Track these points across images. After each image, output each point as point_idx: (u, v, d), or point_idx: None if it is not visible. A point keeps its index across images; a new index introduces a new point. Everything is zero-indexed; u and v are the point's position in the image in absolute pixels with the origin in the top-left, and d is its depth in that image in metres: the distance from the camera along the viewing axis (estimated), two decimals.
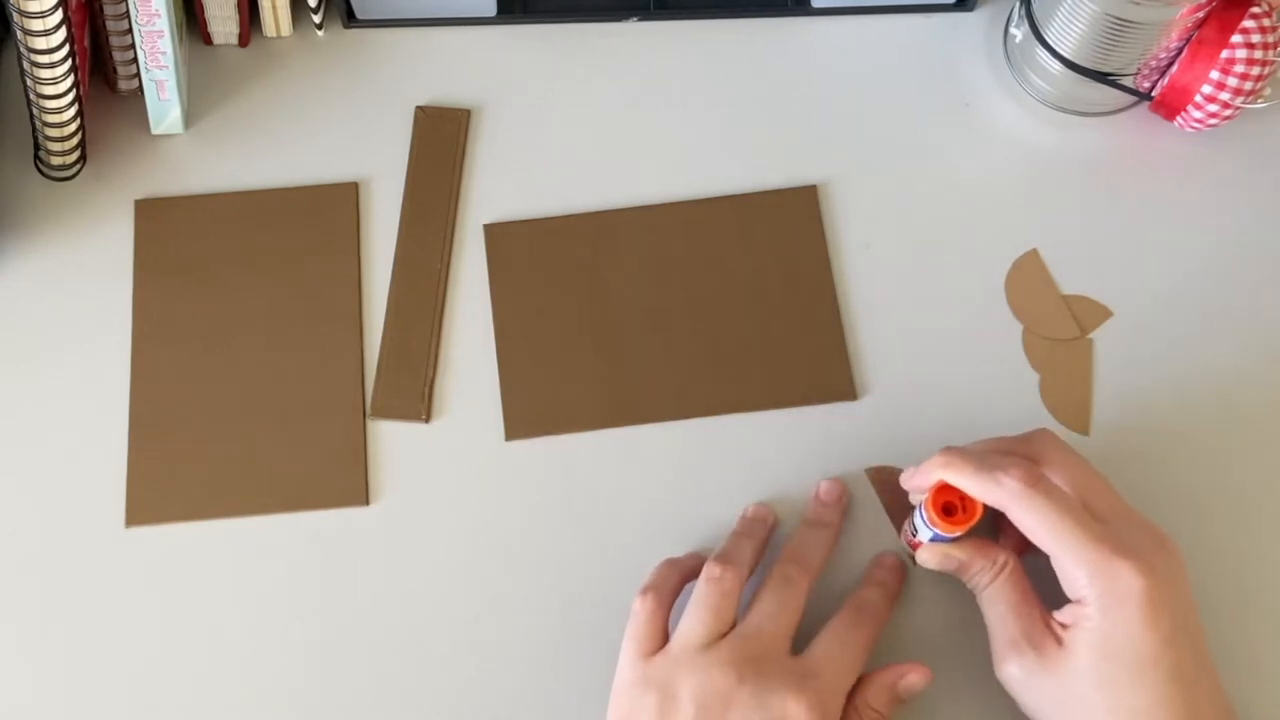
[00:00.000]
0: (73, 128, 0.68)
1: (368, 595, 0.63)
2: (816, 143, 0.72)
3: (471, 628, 0.62)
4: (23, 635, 0.62)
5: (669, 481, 0.65)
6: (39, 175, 0.71)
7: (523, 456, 0.66)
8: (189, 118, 0.72)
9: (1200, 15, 0.66)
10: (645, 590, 0.58)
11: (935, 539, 0.58)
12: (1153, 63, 0.69)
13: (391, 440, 0.66)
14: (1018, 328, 0.68)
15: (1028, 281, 0.66)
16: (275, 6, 0.73)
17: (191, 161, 0.72)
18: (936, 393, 0.66)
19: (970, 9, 0.75)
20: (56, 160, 0.70)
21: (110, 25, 0.68)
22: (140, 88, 0.70)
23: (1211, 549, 0.62)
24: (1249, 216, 0.71)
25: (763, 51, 0.75)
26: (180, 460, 0.65)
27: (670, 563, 0.60)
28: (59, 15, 0.62)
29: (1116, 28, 0.66)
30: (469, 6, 0.74)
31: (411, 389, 0.67)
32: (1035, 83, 0.73)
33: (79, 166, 0.70)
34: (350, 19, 0.74)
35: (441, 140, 0.72)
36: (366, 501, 0.65)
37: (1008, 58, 0.74)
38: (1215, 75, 0.67)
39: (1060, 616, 0.55)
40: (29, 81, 0.65)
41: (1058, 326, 0.67)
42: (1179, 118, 0.70)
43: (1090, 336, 0.67)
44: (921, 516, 0.57)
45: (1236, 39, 0.66)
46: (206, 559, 0.64)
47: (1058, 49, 0.70)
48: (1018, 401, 0.66)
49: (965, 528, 0.56)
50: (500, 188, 0.71)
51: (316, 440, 0.66)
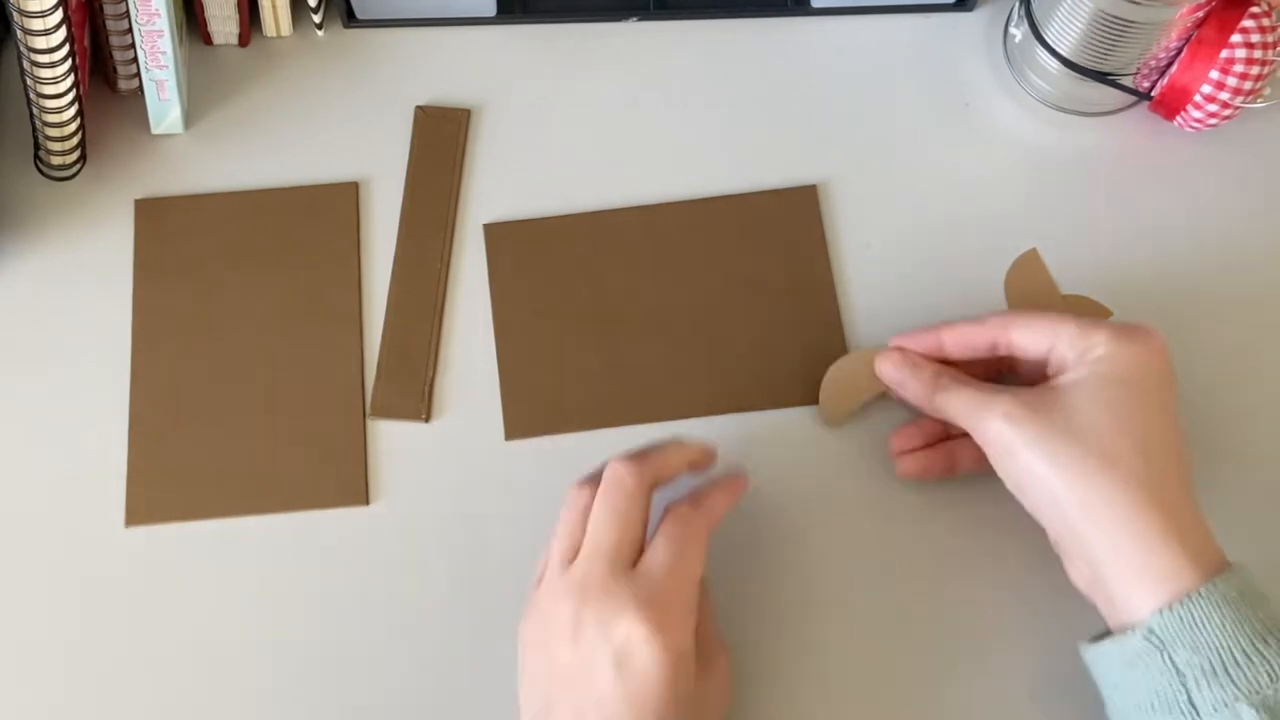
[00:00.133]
0: (73, 128, 0.68)
1: (367, 595, 0.63)
2: (816, 143, 0.72)
3: (471, 627, 0.62)
4: (23, 635, 0.62)
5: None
6: (39, 175, 0.71)
7: (523, 456, 0.66)
8: (189, 118, 0.72)
9: (1200, 15, 0.66)
10: (577, 484, 0.58)
11: None
12: (1152, 63, 0.69)
13: (391, 440, 0.66)
14: None
15: (1028, 281, 0.66)
16: (275, 6, 0.73)
17: (191, 161, 0.72)
18: None
19: (970, 9, 0.75)
20: (56, 160, 0.70)
21: (110, 25, 0.68)
22: (140, 88, 0.70)
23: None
24: (1249, 216, 0.71)
25: (763, 51, 0.75)
26: (180, 460, 0.65)
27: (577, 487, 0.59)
28: (59, 15, 0.62)
29: (1116, 28, 0.66)
30: (469, 6, 0.74)
31: (411, 389, 0.67)
32: (1035, 82, 0.73)
33: (79, 166, 0.70)
34: (350, 19, 0.74)
35: (441, 140, 0.72)
36: (366, 501, 0.65)
37: (1007, 58, 0.74)
38: (1215, 75, 0.67)
39: (1053, 381, 0.58)
40: (29, 81, 0.65)
41: None
42: (1179, 117, 0.70)
43: None
44: None
45: (1236, 39, 0.66)
46: (206, 559, 0.64)
47: (1057, 49, 0.70)
48: None
49: None
50: (500, 188, 0.71)
51: (316, 440, 0.66)
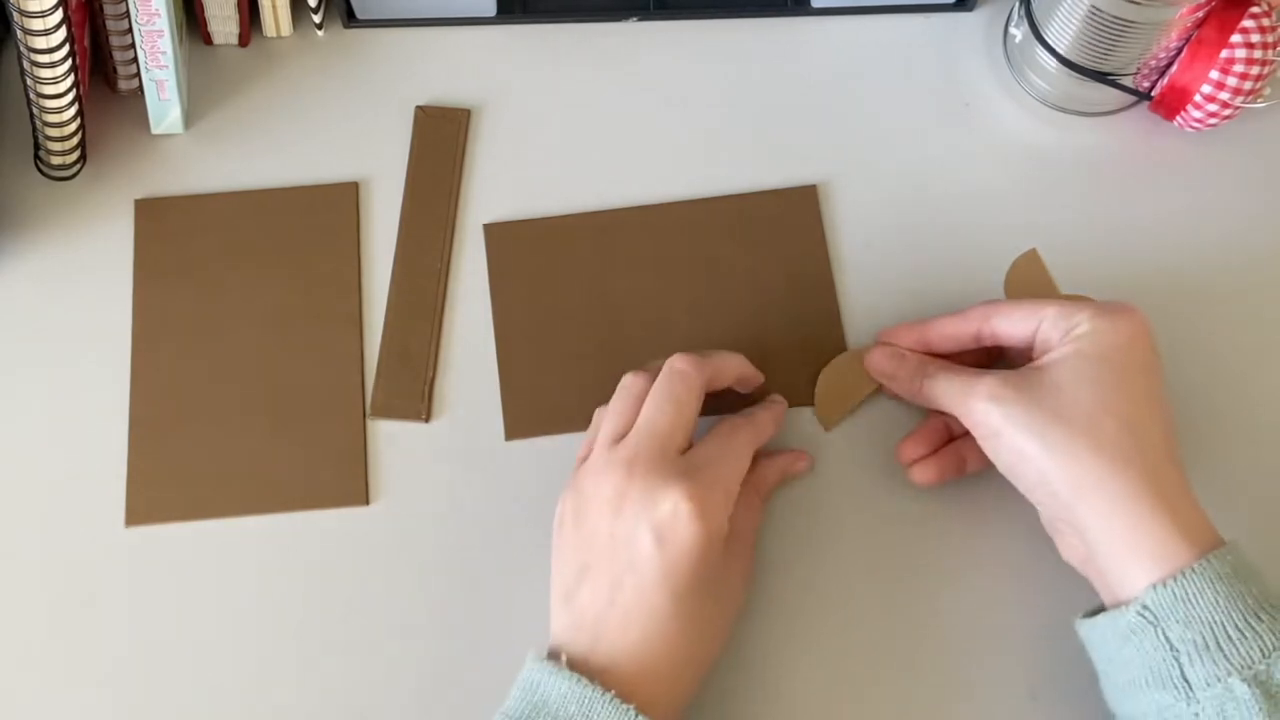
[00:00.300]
0: (73, 128, 0.68)
1: (368, 595, 0.63)
2: (816, 143, 0.72)
3: (471, 627, 0.62)
4: (23, 635, 0.62)
5: None
6: (39, 175, 0.71)
7: (523, 456, 0.66)
8: (189, 118, 0.72)
9: (1200, 15, 0.66)
10: (601, 406, 0.61)
11: None
12: (1152, 62, 0.69)
13: (391, 440, 0.66)
14: None
15: (1028, 281, 0.66)
16: (275, 6, 0.73)
17: (191, 161, 0.72)
18: None
19: (970, 9, 0.75)
20: (56, 160, 0.70)
21: (110, 25, 0.68)
22: (140, 88, 0.70)
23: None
24: (1248, 216, 0.71)
25: (763, 51, 0.75)
26: (180, 460, 0.65)
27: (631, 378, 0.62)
28: (59, 15, 0.62)
29: (1116, 28, 0.66)
30: (469, 6, 0.74)
31: (411, 389, 0.67)
32: (1035, 82, 0.73)
33: (79, 166, 0.70)
34: (350, 19, 0.74)
35: (441, 140, 0.72)
36: (366, 501, 0.65)
37: (1007, 58, 0.74)
38: (1215, 75, 0.67)
39: (1037, 361, 0.59)
40: (29, 81, 0.65)
41: None
42: (1178, 117, 0.70)
43: None
44: None
45: (1236, 39, 0.66)
46: (206, 559, 0.64)
47: (1057, 49, 0.70)
48: None
49: None
50: (500, 188, 0.71)
51: (316, 440, 0.66)
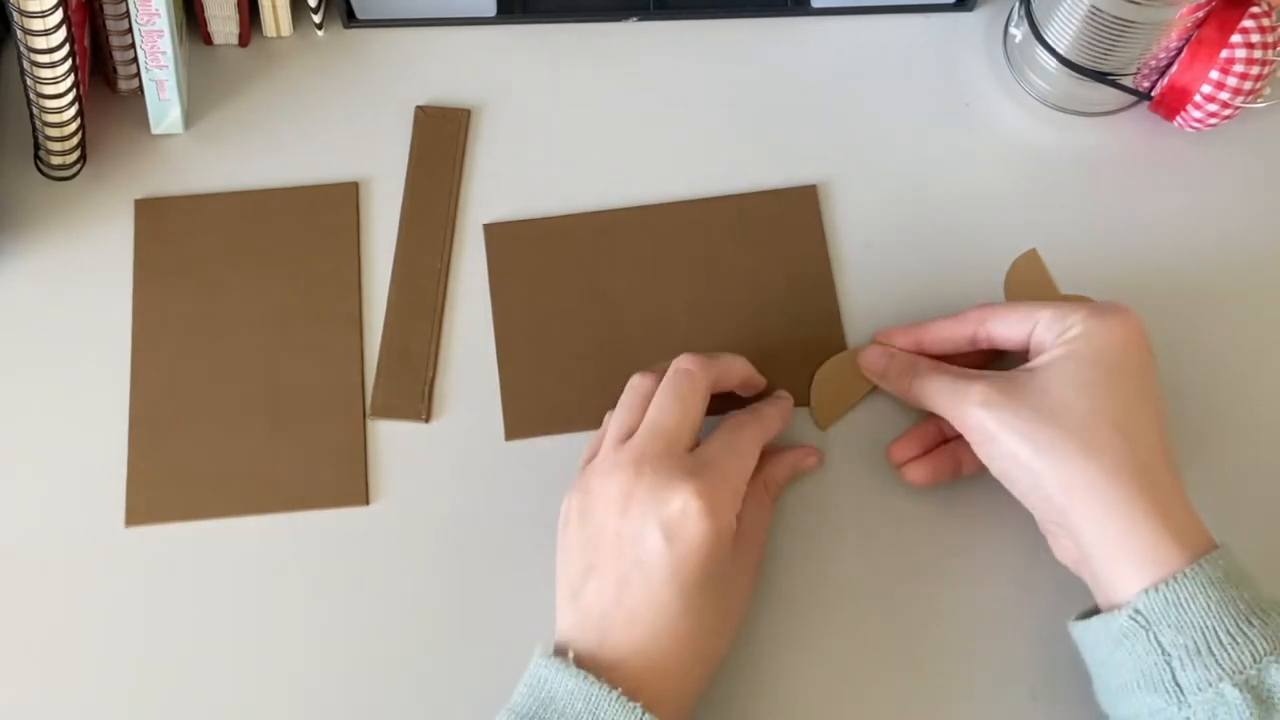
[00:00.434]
0: (73, 128, 0.68)
1: (367, 595, 0.63)
2: (816, 143, 0.72)
3: (472, 627, 0.62)
4: (23, 635, 0.62)
5: None
6: (39, 175, 0.71)
7: (523, 456, 0.66)
8: (189, 118, 0.72)
9: (1200, 15, 0.66)
10: (611, 411, 0.61)
11: None
12: (1152, 62, 0.69)
13: (391, 440, 0.66)
14: None
15: (1028, 281, 0.66)
16: (275, 6, 0.73)
17: (191, 161, 0.72)
18: None
19: (970, 9, 0.75)
20: (56, 160, 0.70)
21: (110, 25, 0.68)
22: (140, 88, 0.70)
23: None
24: (1248, 216, 0.71)
25: (763, 51, 0.75)
26: (180, 460, 0.65)
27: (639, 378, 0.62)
28: (59, 15, 0.62)
29: (1116, 28, 0.66)
30: (469, 6, 0.74)
31: (411, 389, 0.67)
32: (1035, 83, 0.73)
33: (79, 166, 0.70)
34: (350, 19, 0.74)
35: (441, 140, 0.72)
36: (366, 501, 0.65)
37: (1007, 58, 0.74)
38: (1215, 75, 0.67)
39: (1029, 364, 0.59)
40: (29, 81, 0.65)
41: None
42: (1178, 117, 0.70)
43: None
44: None
45: (1236, 39, 0.66)
46: (206, 559, 0.64)
47: (1057, 49, 0.70)
48: None
49: None
50: (500, 188, 0.71)
51: (316, 440, 0.66)
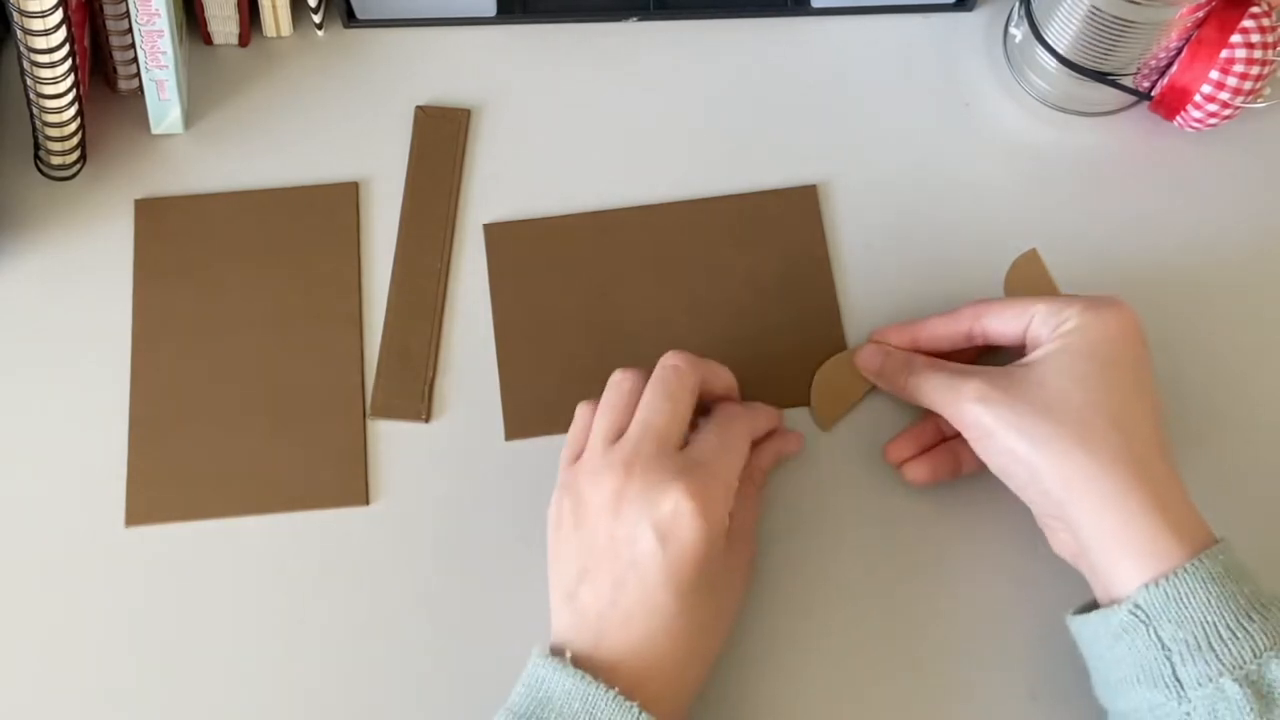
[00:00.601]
0: (73, 128, 0.68)
1: (367, 595, 0.63)
2: (816, 143, 0.72)
3: (472, 627, 0.62)
4: (23, 635, 0.62)
5: None
6: (39, 175, 0.71)
7: (523, 456, 0.66)
8: (189, 118, 0.72)
9: (1200, 15, 0.66)
10: (585, 401, 0.61)
11: None
12: (1152, 62, 0.69)
13: (391, 440, 0.66)
14: None
15: (1028, 281, 0.66)
16: (275, 6, 0.73)
17: (191, 161, 0.72)
18: None
19: (970, 9, 0.75)
20: (56, 160, 0.70)
21: (110, 25, 0.68)
22: (140, 88, 0.70)
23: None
24: (1248, 215, 0.71)
25: (763, 51, 0.75)
26: (180, 460, 0.65)
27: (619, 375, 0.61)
28: (59, 15, 0.62)
29: (1116, 28, 0.66)
30: (469, 6, 0.74)
31: (411, 389, 0.67)
32: (1035, 82, 0.73)
33: (79, 166, 0.70)
34: (350, 19, 0.74)
35: (441, 140, 0.72)
36: (366, 501, 0.65)
37: (1007, 58, 0.74)
38: (1215, 75, 0.67)
39: (1024, 359, 0.59)
40: (29, 81, 0.65)
41: None
42: (1178, 117, 0.70)
43: None
44: None
45: (1236, 39, 0.66)
46: (206, 559, 0.64)
47: (1057, 49, 0.70)
48: None
49: None
50: (500, 188, 0.71)
51: (316, 440, 0.66)
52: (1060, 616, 0.58)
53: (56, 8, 0.61)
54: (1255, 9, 0.66)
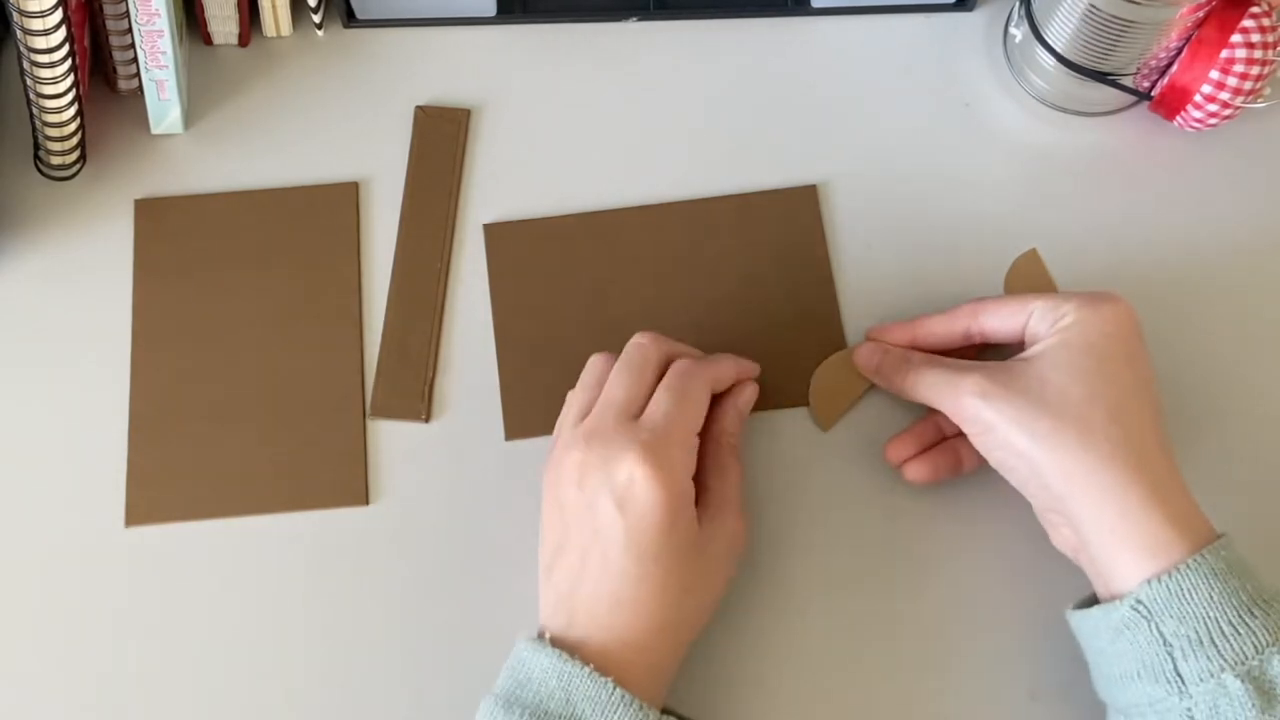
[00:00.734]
0: (73, 128, 0.68)
1: (367, 595, 0.63)
2: (816, 143, 0.72)
3: (471, 627, 0.62)
4: (22, 635, 0.62)
5: None
6: (39, 175, 0.71)
7: (523, 456, 0.66)
8: (189, 118, 0.72)
9: (1200, 15, 0.66)
10: (574, 389, 0.61)
11: None
12: (1152, 62, 0.69)
13: (391, 440, 0.66)
14: None
15: (1028, 281, 0.66)
16: (275, 6, 0.73)
17: (191, 161, 0.72)
18: None
19: (970, 9, 0.75)
20: (56, 160, 0.70)
21: (110, 25, 0.68)
22: (140, 88, 0.70)
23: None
24: (1248, 215, 0.71)
25: (763, 51, 0.75)
26: (180, 460, 0.65)
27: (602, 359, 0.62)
28: (59, 15, 0.62)
29: (1116, 28, 0.66)
30: (469, 6, 0.74)
31: (411, 389, 0.67)
32: (1035, 82, 0.73)
33: (79, 166, 0.70)
34: (350, 19, 0.74)
35: (441, 140, 0.72)
36: (366, 501, 0.65)
37: (1007, 58, 0.74)
38: (1215, 75, 0.67)
39: (1023, 354, 0.59)
40: (29, 81, 0.65)
41: None
42: (1179, 117, 0.70)
43: None
44: None
45: (1236, 39, 0.66)
46: (206, 559, 0.64)
47: (1057, 49, 0.70)
48: None
49: None
50: (500, 188, 0.71)
51: (316, 440, 0.66)
52: (1060, 614, 0.58)
53: (56, 8, 0.61)
54: (1255, 9, 0.66)
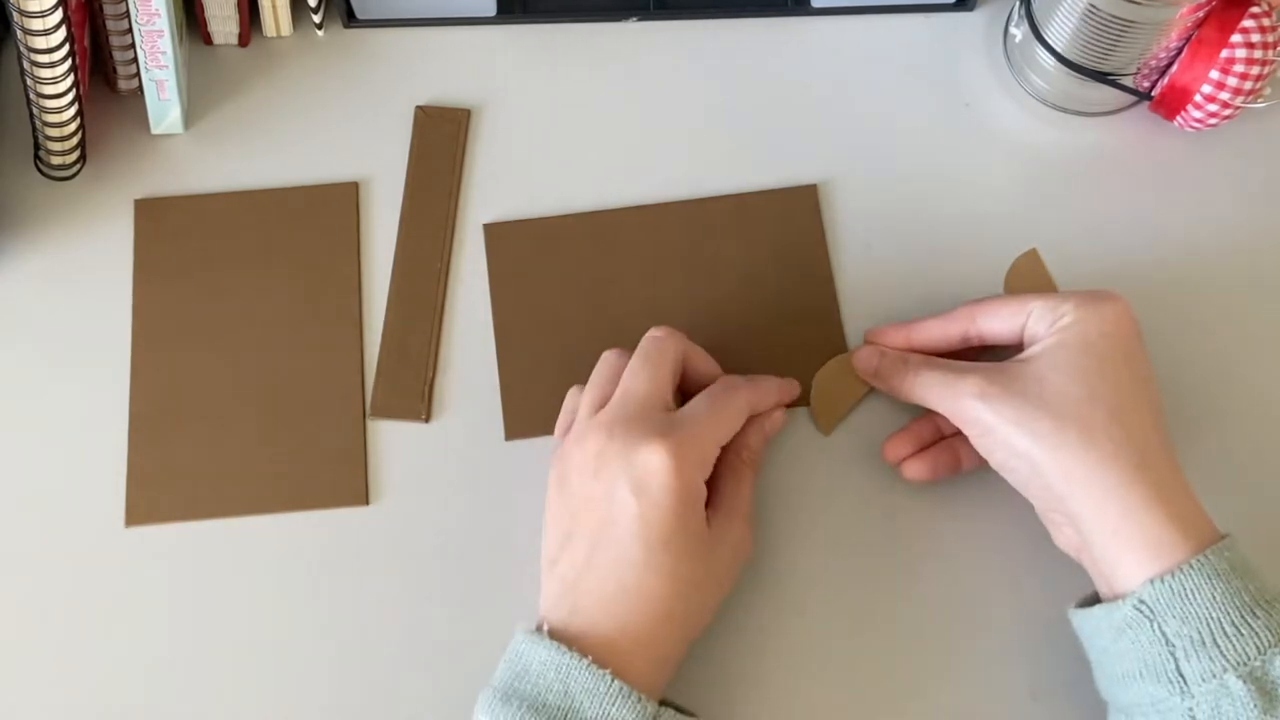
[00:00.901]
0: (73, 128, 0.68)
1: (367, 595, 0.63)
2: (816, 143, 0.72)
3: (471, 627, 0.62)
4: (22, 635, 0.62)
5: None
6: (39, 175, 0.71)
7: (523, 456, 0.66)
8: (189, 118, 0.72)
9: (1200, 15, 0.66)
10: (575, 385, 0.62)
11: None
12: (1152, 62, 0.69)
13: (391, 440, 0.66)
14: None
15: (1028, 281, 0.66)
16: (275, 6, 0.73)
17: (191, 161, 0.72)
18: None
19: (970, 9, 0.75)
20: (56, 160, 0.70)
21: (110, 25, 0.68)
22: (140, 88, 0.70)
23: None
24: (1249, 216, 0.71)
25: (763, 51, 0.75)
26: (180, 460, 0.65)
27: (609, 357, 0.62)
28: (59, 15, 0.62)
29: (1116, 28, 0.66)
30: (469, 6, 0.74)
31: (411, 389, 0.67)
32: (1035, 82, 0.73)
33: (79, 166, 0.70)
34: (350, 19, 0.74)
35: (441, 140, 0.72)
36: (366, 501, 0.65)
37: (1007, 58, 0.74)
38: (1215, 75, 0.67)
39: (1023, 354, 0.59)
40: (29, 81, 0.65)
41: None
42: (1179, 117, 0.70)
43: None
44: None
45: (1236, 39, 0.66)
46: (206, 559, 0.64)
47: (1057, 49, 0.70)
48: None
49: None
50: (500, 188, 0.71)
51: (316, 440, 0.66)
52: (1061, 613, 0.58)
53: (56, 8, 0.61)
54: (1255, 9, 0.66)
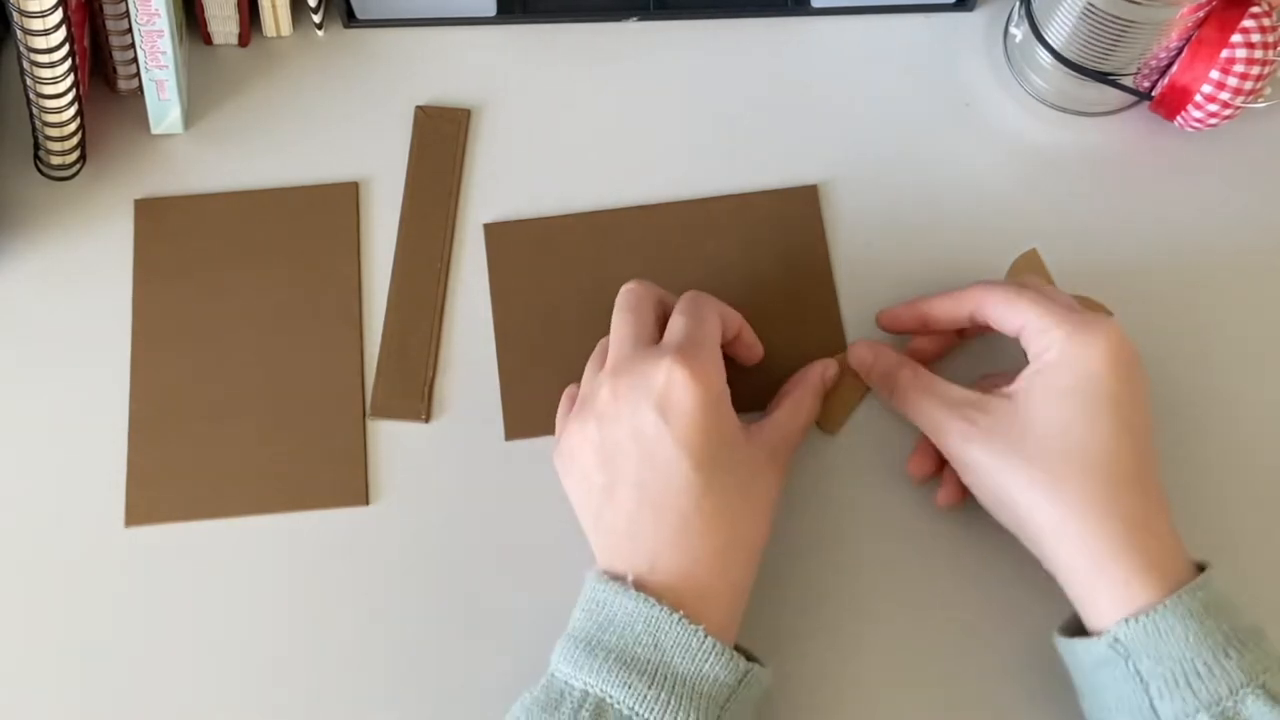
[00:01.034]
0: (73, 128, 0.68)
1: (367, 595, 0.63)
2: (816, 143, 0.72)
3: (472, 627, 0.62)
4: (22, 635, 0.62)
5: None
6: (39, 175, 0.71)
7: (523, 456, 0.66)
8: (189, 118, 0.72)
9: (1200, 15, 0.66)
10: (572, 385, 0.63)
11: None
12: (1153, 62, 0.69)
13: (391, 440, 0.66)
14: None
15: (1027, 281, 0.66)
16: (275, 6, 0.73)
17: (191, 161, 0.72)
18: None
19: (970, 9, 0.75)
20: (56, 160, 0.70)
21: (110, 25, 0.68)
22: (140, 88, 0.70)
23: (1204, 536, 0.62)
24: (1248, 215, 0.71)
25: (763, 51, 0.75)
26: (180, 460, 0.65)
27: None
28: (59, 15, 0.62)
29: (1116, 27, 0.66)
30: (469, 6, 0.74)
31: (411, 389, 0.67)
32: (1035, 82, 0.73)
33: (79, 166, 0.70)
34: (350, 19, 0.74)
35: (441, 140, 0.72)
36: (366, 501, 0.65)
37: (1008, 57, 0.74)
38: (1215, 75, 0.67)
39: (1009, 386, 0.59)
40: (29, 81, 0.65)
41: None
42: (1179, 117, 0.70)
43: None
44: None
45: (1236, 39, 0.66)
46: (206, 559, 0.64)
47: (1057, 49, 0.70)
48: None
49: None
50: (500, 188, 0.71)
51: (316, 440, 0.66)
52: (1062, 618, 0.58)
53: (56, 8, 0.61)
54: (1255, 9, 0.66)
